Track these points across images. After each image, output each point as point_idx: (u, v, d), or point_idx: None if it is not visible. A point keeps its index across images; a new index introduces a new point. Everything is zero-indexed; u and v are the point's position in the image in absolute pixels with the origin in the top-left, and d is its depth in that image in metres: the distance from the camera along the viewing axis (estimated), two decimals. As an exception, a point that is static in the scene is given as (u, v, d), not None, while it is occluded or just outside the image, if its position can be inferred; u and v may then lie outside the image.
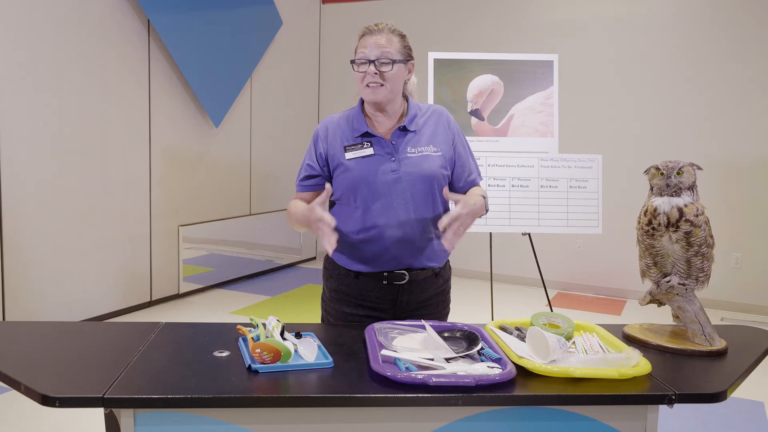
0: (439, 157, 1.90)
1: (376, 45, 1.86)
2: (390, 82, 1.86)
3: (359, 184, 1.87)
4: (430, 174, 1.88)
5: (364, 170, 1.87)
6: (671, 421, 3.10)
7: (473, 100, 4.04)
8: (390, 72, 1.85)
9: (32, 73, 3.98)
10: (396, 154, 1.88)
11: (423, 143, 1.91)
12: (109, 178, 4.53)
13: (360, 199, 1.88)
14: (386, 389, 1.38)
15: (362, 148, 1.89)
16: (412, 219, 1.87)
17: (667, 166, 1.72)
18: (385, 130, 1.92)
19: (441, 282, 1.99)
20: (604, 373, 1.44)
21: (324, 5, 6.82)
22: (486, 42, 5.95)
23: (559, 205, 3.90)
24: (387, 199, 1.86)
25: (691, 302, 1.74)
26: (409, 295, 1.92)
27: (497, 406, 1.41)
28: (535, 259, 4.07)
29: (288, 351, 1.47)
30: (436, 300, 2.00)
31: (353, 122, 1.93)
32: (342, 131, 1.93)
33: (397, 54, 1.87)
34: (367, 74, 1.85)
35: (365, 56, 1.86)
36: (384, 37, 1.87)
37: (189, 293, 5.33)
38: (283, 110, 6.42)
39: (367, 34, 1.90)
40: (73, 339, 1.70)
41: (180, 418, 1.35)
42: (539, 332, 1.54)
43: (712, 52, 5.24)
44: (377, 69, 1.84)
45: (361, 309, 1.94)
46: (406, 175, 1.86)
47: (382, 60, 1.84)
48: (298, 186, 1.99)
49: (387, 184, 1.86)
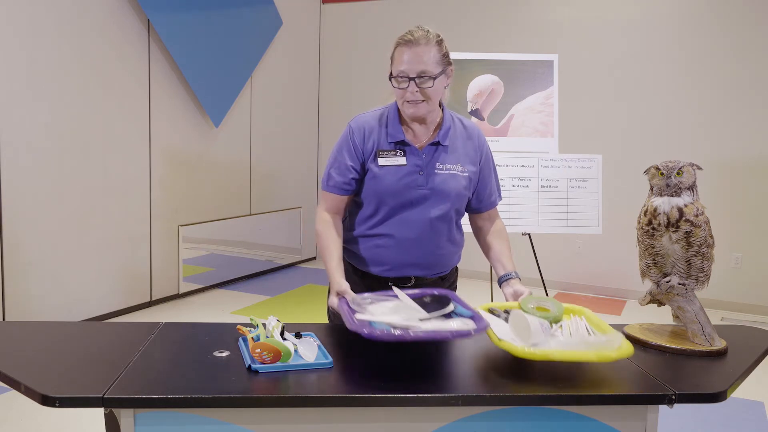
0: (464, 178, 1.89)
1: (414, 60, 1.75)
2: (432, 98, 1.80)
3: (385, 194, 1.84)
4: (453, 193, 1.87)
5: (392, 180, 1.83)
6: (671, 421, 3.10)
7: (473, 100, 4.04)
8: (431, 88, 1.77)
9: (32, 74, 3.98)
10: (425, 169, 1.85)
11: (452, 161, 1.87)
12: (109, 178, 4.53)
13: (382, 208, 1.86)
14: (386, 389, 1.38)
15: (395, 156, 1.84)
16: (427, 234, 1.86)
17: (667, 166, 1.72)
18: (421, 142, 1.88)
19: (446, 285, 2.00)
20: (583, 356, 1.43)
21: (324, 5, 6.82)
22: (486, 42, 5.95)
23: (559, 205, 3.90)
24: (408, 211, 1.85)
25: (691, 302, 1.74)
26: None
27: (497, 406, 1.41)
28: (535, 259, 4.07)
29: (288, 351, 1.47)
30: None
31: (389, 127, 1.87)
32: (377, 134, 1.87)
33: (436, 67, 1.77)
34: (408, 91, 1.78)
35: (404, 73, 1.77)
36: (422, 49, 1.75)
37: (189, 293, 5.33)
38: (283, 110, 6.42)
39: (403, 45, 1.78)
40: (73, 339, 1.70)
41: (180, 418, 1.35)
42: (521, 315, 1.54)
43: (712, 51, 5.24)
44: (418, 87, 1.76)
45: None
46: (430, 192, 1.85)
47: (422, 78, 1.76)
48: (336, 189, 1.88)
49: (411, 199, 1.84)
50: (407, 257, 1.87)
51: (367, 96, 6.62)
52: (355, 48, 6.68)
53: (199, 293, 5.42)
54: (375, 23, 6.50)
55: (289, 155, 6.47)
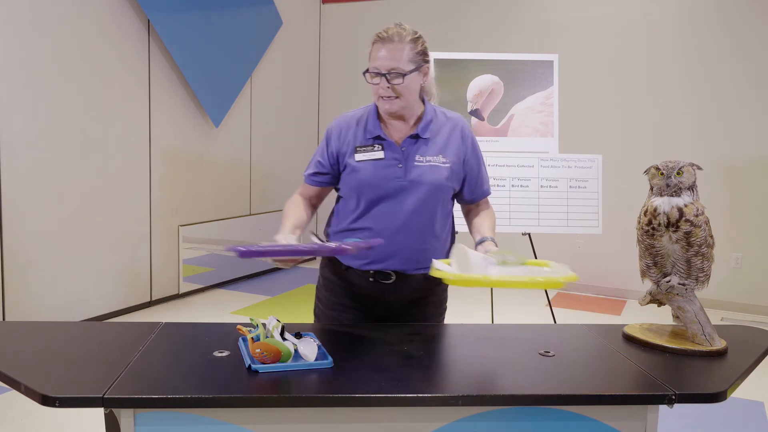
0: (446, 169, 1.89)
1: (386, 57, 1.79)
2: (404, 94, 1.83)
3: (363, 187, 1.87)
4: (434, 184, 1.87)
5: (370, 173, 1.87)
6: (671, 421, 3.10)
7: (473, 100, 4.04)
8: (402, 85, 1.81)
9: (32, 73, 3.98)
10: (404, 161, 1.87)
11: (433, 152, 1.89)
12: (109, 178, 4.53)
13: (362, 201, 1.89)
14: (386, 389, 1.38)
15: (373, 151, 1.88)
16: (409, 227, 1.86)
17: (667, 166, 1.72)
18: (399, 136, 1.90)
19: (433, 285, 1.96)
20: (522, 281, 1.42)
21: (324, 5, 6.82)
22: (486, 42, 5.95)
23: (559, 205, 3.90)
24: (387, 204, 1.86)
25: (691, 302, 1.74)
26: (396, 295, 1.93)
27: (497, 406, 1.41)
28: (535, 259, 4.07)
29: (288, 351, 1.47)
30: (429, 300, 1.99)
31: (367, 123, 1.92)
32: (355, 131, 1.92)
33: (408, 64, 1.81)
34: (380, 87, 1.82)
35: (377, 69, 1.81)
36: (394, 46, 1.79)
37: (189, 293, 5.33)
38: (283, 110, 6.42)
39: (378, 42, 1.82)
40: (73, 339, 1.70)
41: (180, 418, 1.35)
42: (462, 248, 1.53)
43: (712, 51, 5.24)
44: (389, 83, 1.80)
45: (349, 300, 1.96)
46: (410, 184, 1.86)
47: (393, 74, 1.80)
48: (306, 178, 2.00)
49: (390, 190, 1.86)
50: (387, 250, 1.86)
51: (367, 96, 6.60)
52: (355, 48, 6.67)
53: (199, 293, 5.41)
54: (375, 23, 6.46)
55: (289, 155, 6.47)
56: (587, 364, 1.62)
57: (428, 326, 1.91)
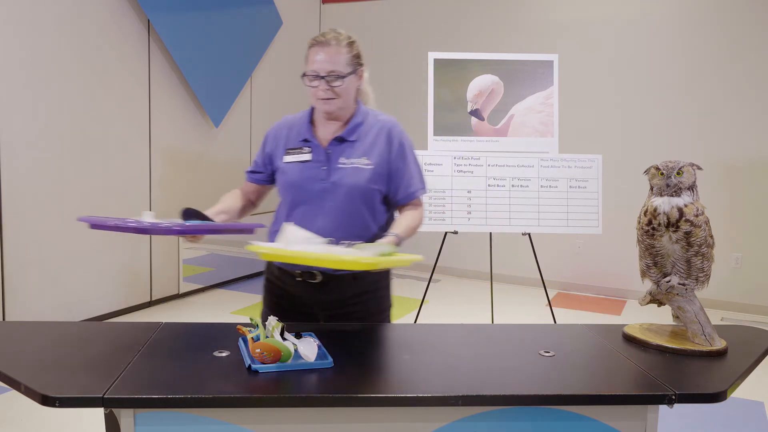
0: (369, 171, 1.90)
1: (324, 60, 1.86)
2: (342, 96, 1.89)
3: (289, 188, 1.95)
4: (357, 187, 1.89)
5: (296, 176, 1.93)
6: (671, 421, 3.10)
7: (473, 100, 4.04)
8: (341, 87, 1.87)
9: (32, 73, 3.98)
10: (328, 164, 1.91)
11: (357, 155, 1.91)
12: (109, 178, 4.53)
13: (288, 202, 1.96)
14: (386, 389, 1.38)
15: (300, 153, 1.95)
16: (331, 228, 1.87)
17: (667, 166, 1.72)
18: (327, 138, 1.94)
19: (365, 283, 1.96)
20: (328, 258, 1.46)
21: (324, 5, 6.82)
22: (486, 42, 5.95)
23: (559, 205, 3.90)
24: (311, 206, 1.91)
25: (691, 302, 1.74)
26: (326, 294, 1.93)
27: (497, 406, 1.41)
28: (535, 259, 4.07)
29: (288, 351, 1.47)
30: (364, 298, 1.98)
31: (300, 126, 1.99)
32: (288, 134, 2.00)
33: (346, 67, 1.88)
34: (319, 89, 1.88)
35: (315, 72, 1.87)
36: (332, 50, 1.86)
37: (189, 293, 5.33)
38: (283, 110, 6.37)
39: (315, 46, 1.89)
40: (73, 339, 1.70)
41: (180, 418, 1.35)
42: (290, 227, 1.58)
43: (711, 51, 5.24)
44: (328, 85, 1.86)
45: (286, 301, 2.00)
46: (333, 186, 1.89)
47: (331, 76, 1.86)
48: (246, 175, 2.13)
49: (314, 192, 1.91)
50: None
51: (367, 96, 6.62)
52: (355, 48, 6.67)
53: (199, 293, 5.42)
54: (375, 23, 6.50)
55: (289, 155, 6.47)
56: (587, 364, 1.62)
57: (428, 326, 1.91)
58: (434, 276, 4.35)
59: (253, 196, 2.15)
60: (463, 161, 3.94)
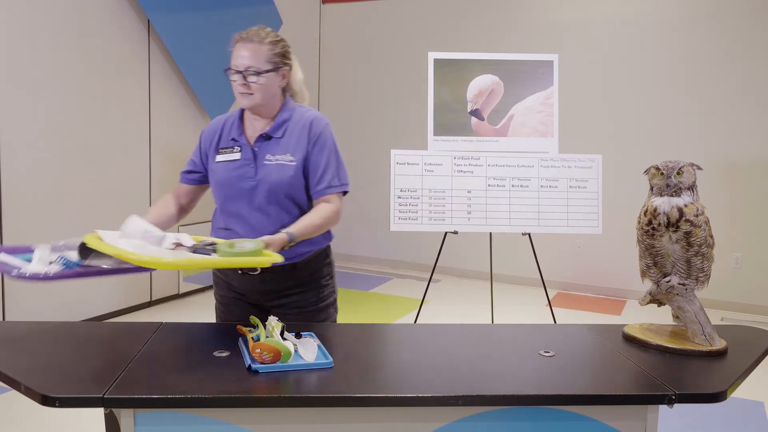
0: (292, 167, 1.92)
1: (244, 56, 1.89)
2: (259, 92, 1.90)
3: (218, 188, 1.98)
4: (281, 183, 1.91)
5: (225, 175, 1.96)
6: (671, 421, 3.10)
7: (473, 100, 4.04)
8: (257, 83, 1.88)
9: (32, 73, 3.98)
10: (255, 161, 1.93)
11: (281, 151, 1.93)
12: (109, 178, 4.53)
13: (220, 202, 1.99)
14: (386, 389, 1.38)
15: (231, 153, 1.97)
16: (263, 225, 1.90)
17: (667, 166, 1.72)
18: (255, 136, 1.96)
19: (305, 273, 2.00)
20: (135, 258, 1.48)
21: (324, 5, 6.81)
22: (486, 42, 5.95)
23: (559, 205, 3.90)
24: (241, 203, 1.94)
25: (691, 302, 1.74)
26: (266, 285, 1.98)
27: (497, 406, 1.41)
28: (535, 259, 4.07)
29: (288, 351, 1.47)
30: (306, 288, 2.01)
31: (232, 125, 2.00)
32: (220, 133, 2.02)
33: (265, 64, 1.89)
34: (237, 84, 1.90)
35: (235, 67, 1.90)
36: (252, 46, 1.89)
37: (189, 293, 5.33)
38: (283, 110, 6.41)
39: (238, 41, 1.92)
40: (73, 339, 1.70)
41: (180, 418, 1.35)
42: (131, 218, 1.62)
43: (711, 51, 5.24)
44: (245, 80, 1.88)
45: (231, 293, 2.05)
46: (260, 183, 1.92)
47: (249, 72, 1.88)
48: (181, 176, 2.10)
49: (243, 191, 1.93)
50: None
51: (366, 96, 6.62)
52: (355, 48, 6.68)
53: (199, 293, 5.41)
54: (375, 23, 6.50)
55: (289, 155, 6.47)
56: (587, 364, 1.62)
57: (428, 326, 1.92)
58: (434, 276, 4.35)
59: (185, 200, 2.12)
60: (463, 161, 3.94)
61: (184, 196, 2.12)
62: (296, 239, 1.84)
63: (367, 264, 6.68)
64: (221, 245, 1.64)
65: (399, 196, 3.87)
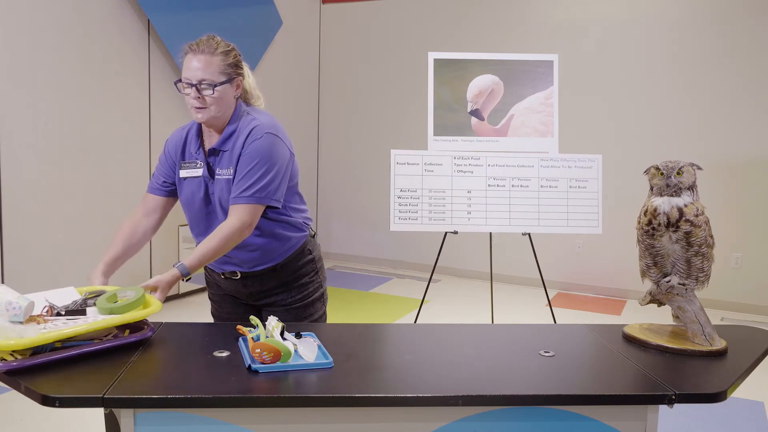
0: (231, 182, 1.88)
1: (197, 68, 1.80)
2: (214, 105, 1.83)
3: (184, 205, 1.98)
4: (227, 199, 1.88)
5: (188, 192, 1.94)
6: (671, 421, 3.10)
7: (473, 100, 4.04)
8: (213, 96, 1.81)
9: (32, 73, 3.98)
10: (213, 178, 1.90)
11: (226, 165, 1.88)
12: (109, 178, 4.53)
13: (187, 217, 2.00)
14: (386, 389, 1.38)
15: (194, 168, 1.92)
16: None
17: (667, 166, 1.72)
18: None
19: (286, 274, 2.00)
20: None
21: (324, 5, 6.82)
22: (486, 42, 5.95)
23: (559, 205, 3.90)
24: (204, 220, 1.95)
25: (691, 302, 1.74)
26: (249, 288, 2.01)
27: (497, 406, 1.41)
28: (535, 259, 4.07)
29: (288, 351, 1.47)
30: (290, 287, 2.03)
31: (191, 138, 1.96)
32: (182, 146, 1.97)
33: (219, 76, 1.82)
34: (191, 97, 1.83)
35: (188, 80, 1.82)
36: (204, 58, 1.80)
37: (189, 293, 5.33)
38: (283, 110, 6.41)
39: (189, 53, 1.83)
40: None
41: (180, 418, 1.35)
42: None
43: (711, 51, 5.24)
44: (199, 93, 1.81)
45: (221, 292, 2.11)
46: (216, 199, 1.91)
47: (203, 85, 1.80)
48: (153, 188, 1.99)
49: (202, 206, 1.93)
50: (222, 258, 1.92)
51: (366, 96, 6.62)
52: (355, 48, 6.68)
53: (199, 293, 5.41)
54: (375, 23, 6.50)
55: (289, 155, 6.47)
56: (587, 364, 1.62)
57: (428, 326, 1.92)
58: (434, 276, 4.35)
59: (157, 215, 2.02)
60: (463, 161, 3.94)
61: (157, 210, 2.01)
62: (191, 271, 1.80)
63: (367, 264, 6.68)
64: (100, 300, 1.60)
65: (399, 196, 3.87)
